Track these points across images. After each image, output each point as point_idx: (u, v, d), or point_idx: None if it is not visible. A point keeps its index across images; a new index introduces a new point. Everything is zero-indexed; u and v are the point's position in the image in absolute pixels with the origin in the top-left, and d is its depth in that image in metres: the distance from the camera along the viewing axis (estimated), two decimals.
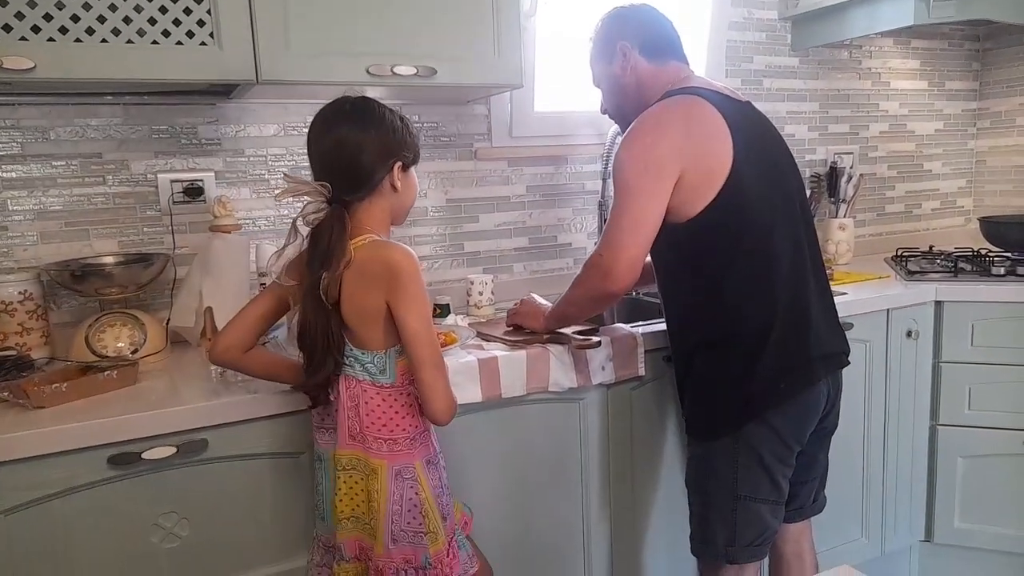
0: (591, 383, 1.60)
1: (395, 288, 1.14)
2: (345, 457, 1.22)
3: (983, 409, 2.06)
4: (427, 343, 1.17)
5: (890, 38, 2.73)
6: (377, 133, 1.19)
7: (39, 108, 1.62)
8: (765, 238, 1.40)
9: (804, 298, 1.44)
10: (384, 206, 1.23)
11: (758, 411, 1.41)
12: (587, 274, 1.45)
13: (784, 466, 1.46)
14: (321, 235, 1.16)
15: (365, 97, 1.23)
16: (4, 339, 1.52)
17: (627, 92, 1.55)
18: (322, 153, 1.19)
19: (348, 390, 1.21)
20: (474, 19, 1.65)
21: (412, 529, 1.23)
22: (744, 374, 1.41)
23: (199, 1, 1.41)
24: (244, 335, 1.26)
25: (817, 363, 1.45)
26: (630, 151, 1.39)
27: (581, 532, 1.69)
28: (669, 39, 1.55)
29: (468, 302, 1.96)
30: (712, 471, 1.47)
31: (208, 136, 1.78)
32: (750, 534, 1.47)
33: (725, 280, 1.40)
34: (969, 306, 2.04)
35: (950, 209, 3.00)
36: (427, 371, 1.17)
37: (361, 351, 1.21)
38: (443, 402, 1.19)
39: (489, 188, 2.14)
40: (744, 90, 2.41)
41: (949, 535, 2.16)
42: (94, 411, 1.28)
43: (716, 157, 1.36)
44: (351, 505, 1.23)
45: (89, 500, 1.26)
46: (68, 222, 1.68)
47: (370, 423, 1.21)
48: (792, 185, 1.49)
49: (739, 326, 1.41)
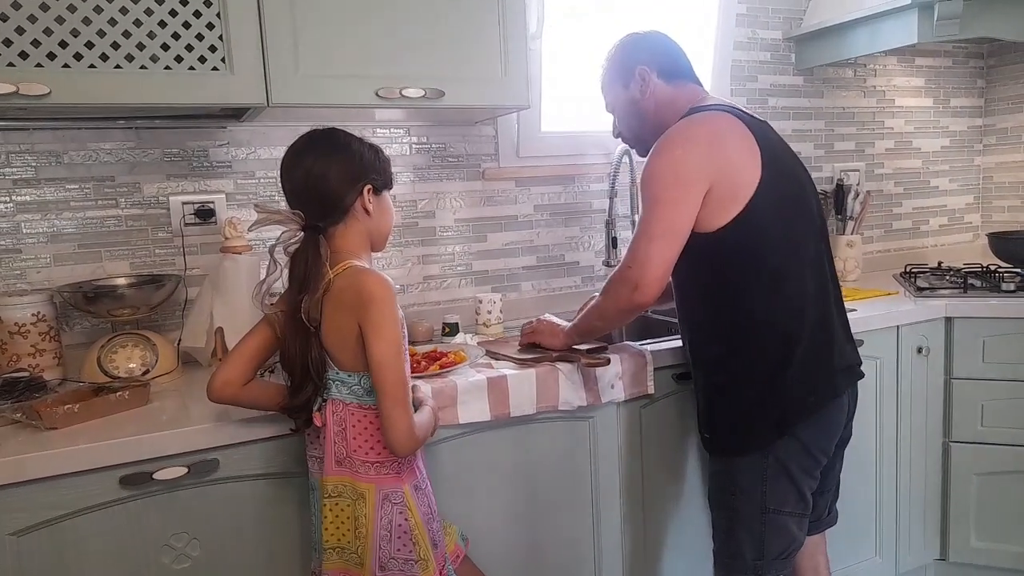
0: (601, 401, 1.59)
1: (366, 315, 1.15)
2: (331, 484, 1.22)
3: (997, 426, 2.04)
4: (390, 371, 1.15)
5: (894, 56, 2.74)
6: (343, 159, 1.22)
7: (53, 132, 1.65)
8: (791, 251, 1.42)
9: (828, 311, 1.47)
10: (360, 230, 1.25)
11: (789, 426, 1.42)
12: (615, 287, 1.45)
13: (811, 478, 1.47)
14: (297, 261, 1.19)
15: (332, 128, 1.26)
16: (17, 360, 1.53)
17: (645, 115, 1.56)
18: (294, 183, 1.22)
19: (335, 414, 1.21)
20: (481, 41, 1.67)
21: (402, 556, 1.21)
22: (773, 389, 1.41)
23: (211, 27, 1.43)
24: (241, 370, 1.25)
25: (840, 375, 1.48)
26: (659, 163, 1.40)
27: (592, 551, 1.67)
28: (684, 62, 1.58)
29: (477, 320, 1.96)
30: (739, 486, 1.47)
31: (219, 159, 1.81)
32: (778, 547, 1.47)
33: (752, 292, 1.41)
34: (980, 322, 2.03)
35: (958, 225, 2.99)
36: (387, 401, 1.15)
37: (348, 373, 1.21)
38: (399, 433, 1.15)
39: (497, 208, 2.15)
40: (749, 109, 2.42)
41: (965, 554, 2.13)
42: (106, 432, 1.28)
43: (745, 171, 1.38)
44: (336, 535, 1.23)
45: (101, 521, 1.26)
46: (81, 244, 1.70)
47: (357, 446, 1.21)
48: (812, 200, 1.51)
49: (766, 339, 1.42)
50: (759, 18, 2.49)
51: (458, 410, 1.46)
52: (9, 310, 1.53)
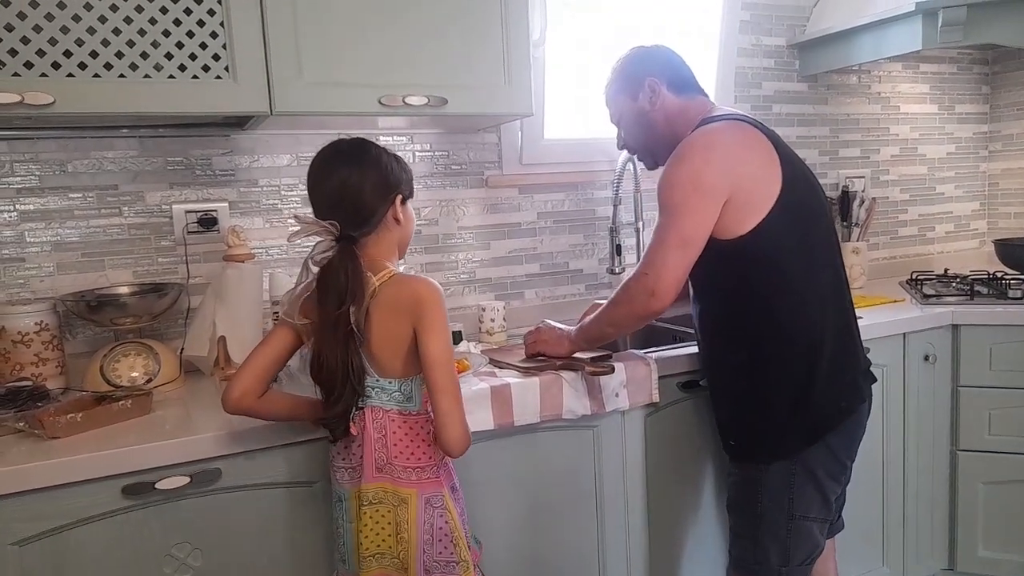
0: (605, 410, 1.59)
1: (421, 316, 1.18)
2: (372, 491, 1.21)
3: (1004, 434, 2.03)
4: (447, 371, 1.18)
5: (899, 63, 2.74)
6: (376, 171, 1.23)
7: (57, 141, 1.65)
8: (812, 257, 1.43)
9: (848, 315, 1.49)
10: (391, 239, 1.27)
11: (821, 434, 1.43)
12: (630, 294, 1.45)
13: (836, 484, 1.49)
14: (336, 272, 1.18)
15: (360, 138, 1.28)
16: (20, 369, 1.53)
17: (655, 127, 1.57)
18: (327, 194, 1.23)
19: (375, 421, 1.21)
20: (484, 49, 1.67)
21: (444, 559, 1.23)
22: (804, 397, 1.42)
23: (215, 36, 1.44)
24: (257, 381, 1.24)
25: (862, 378, 1.50)
26: (678, 172, 1.40)
27: (596, 560, 1.66)
28: (690, 75, 1.59)
29: (480, 328, 1.95)
30: (764, 493, 1.47)
31: (222, 167, 1.81)
32: (802, 553, 1.48)
33: (776, 299, 1.41)
34: (986, 330, 2.02)
35: (964, 232, 2.98)
36: (445, 399, 1.17)
37: (388, 380, 1.22)
38: (457, 431, 1.18)
39: (500, 215, 2.15)
40: (754, 116, 2.41)
41: (973, 563, 2.11)
42: (108, 441, 1.28)
43: (766, 179, 1.38)
44: (376, 541, 1.22)
45: (103, 530, 1.25)
46: (84, 253, 1.70)
47: (397, 452, 1.21)
48: (826, 206, 1.53)
49: (792, 346, 1.42)
50: (763, 25, 2.49)
51: None
52: (12, 319, 1.53)
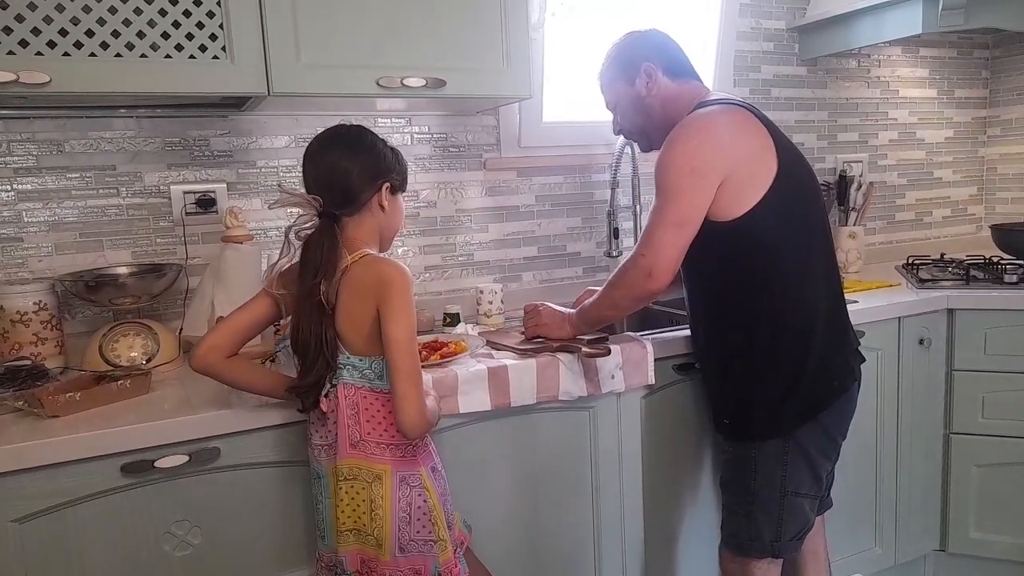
0: (601, 391, 1.60)
1: (385, 298, 1.19)
2: (346, 467, 1.23)
3: (998, 417, 2.04)
4: (406, 353, 1.18)
5: (898, 47, 2.73)
6: (368, 156, 1.28)
7: (54, 121, 1.65)
8: (807, 239, 1.45)
9: (839, 296, 1.52)
10: (372, 224, 1.29)
11: (814, 413, 1.45)
12: (628, 275, 1.46)
13: (828, 461, 1.52)
14: (314, 246, 1.21)
15: (359, 125, 1.32)
16: (19, 349, 1.54)
17: (651, 112, 1.57)
18: (318, 171, 1.26)
19: (347, 398, 1.22)
20: (483, 31, 1.67)
21: (422, 538, 1.23)
22: (799, 376, 1.44)
23: (212, 16, 1.43)
24: (227, 340, 1.26)
25: (853, 358, 1.53)
26: (674, 153, 1.41)
27: (592, 540, 1.68)
28: (685, 60, 1.59)
29: (478, 311, 1.96)
30: (758, 470, 1.49)
31: (220, 148, 1.80)
32: (794, 528, 1.51)
33: (771, 281, 1.43)
34: (982, 314, 2.03)
35: (961, 217, 2.98)
36: (402, 381, 1.17)
37: (359, 357, 1.23)
38: (413, 414, 1.17)
39: (499, 198, 2.15)
40: (753, 99, 2.41)
41: (964, 545, 2.14)
42: (107, 420, 1.29)
43: (761, 162, 1.40)
44: (352, 516, 1.24)
45: (102, 508, 1.27)
46: (82, 233, 1.70)
47: (370, 429, 1.22)
48: (819, 190, 1.55)
49: (787, 326, 1.44)
50: (762, 8, 2.48)
51: (459, 400, 1.47)
52: (11, 299, 1.53)
